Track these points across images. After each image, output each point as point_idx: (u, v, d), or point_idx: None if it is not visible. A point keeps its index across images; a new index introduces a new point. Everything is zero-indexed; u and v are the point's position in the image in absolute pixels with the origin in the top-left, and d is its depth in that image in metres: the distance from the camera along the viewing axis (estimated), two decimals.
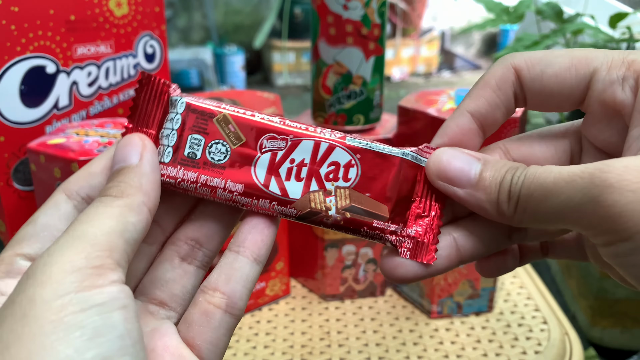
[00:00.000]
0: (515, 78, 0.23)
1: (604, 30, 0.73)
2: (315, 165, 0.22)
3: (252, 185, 0.22)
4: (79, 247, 0.17)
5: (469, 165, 0.22)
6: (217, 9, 2.89)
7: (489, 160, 0.22)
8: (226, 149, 0.22)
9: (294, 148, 0.22)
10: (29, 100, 0.42)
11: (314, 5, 0.45)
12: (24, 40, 0.40)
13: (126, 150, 0.21)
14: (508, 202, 0.21)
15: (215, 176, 0.22)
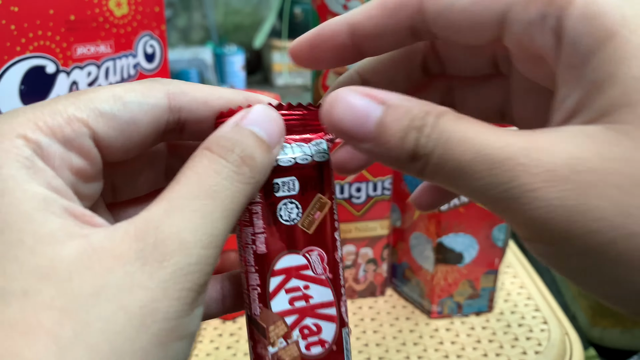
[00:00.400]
0: (416, 7, 0.18)
1: None
2: (310, 312, 0.20)
3: (265, 260, 0.20)
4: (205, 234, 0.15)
5: (367, 113, 0.17)
6: (217, 9, 2.89)
7: (391, 103, 0.17)
8: (294, 219, 0.20)
9: (318, 282, 0.21)
10: (29, 100, 0.41)
11: (314, 5, 0.45)
12: (23, 40, 0.40)
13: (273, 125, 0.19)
14: (413, 163, 0.16)
15: (263, 220, 0.20)
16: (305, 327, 0.20)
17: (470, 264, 0.46)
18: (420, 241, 0.47)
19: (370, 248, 0.49)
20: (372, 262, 0.50)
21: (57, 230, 0.14)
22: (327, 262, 0.21)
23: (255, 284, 0.20)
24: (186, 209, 0.15)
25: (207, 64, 2.58)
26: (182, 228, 0.15)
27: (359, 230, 0.49)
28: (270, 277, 0.20)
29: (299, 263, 0.20)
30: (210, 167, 0.17)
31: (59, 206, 0.15)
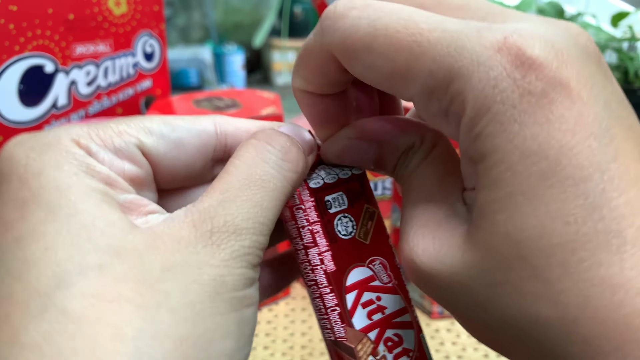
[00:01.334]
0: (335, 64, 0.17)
1: (606, 30, 0.73)
2: (388, 322, 0.20)
3: (338, 277, 0.20)
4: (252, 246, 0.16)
5: (363, 156, 0.20)
6: (217, 7, 2.89)
7: (382, 142, 0.19)
8: (351, 232, 0.20)
9: (387, 291, 0.21)
10: (28, 99, 0.41)
11: (314, 4, 0.45)
12: (22, 39, 0.40)
13: (304, 135, 0.20)
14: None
15: (326, 239, 0.20)
16: (388, 339, 0.20)
17: None
18: None
19: None
20: None
21: (121, 219, 0.15)
22: (390, 269, 0.21)
23: (334, 304, 0.20)
24: (238, 199, 0.16)
25: (207, 63, 2.57)
26: (236, 216, 0.16)
27: None
28: (346, 294, 0.20)
29: (366, 275, 0.20)
30: (257, 156, 0.18)
31: (119, 198, 0.16)
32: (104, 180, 0.16)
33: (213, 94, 0.52)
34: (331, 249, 0.20)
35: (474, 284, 0.15)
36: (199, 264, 0.15)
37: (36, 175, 0.15)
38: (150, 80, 0.50)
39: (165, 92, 0.52)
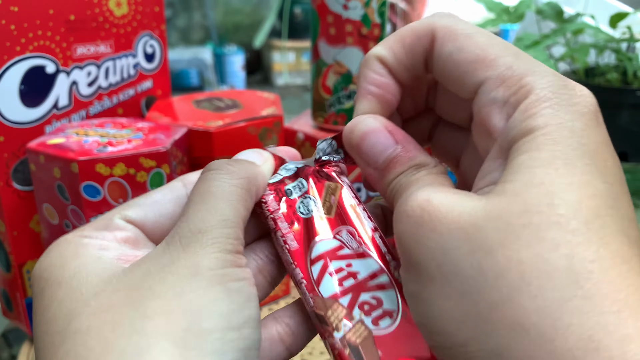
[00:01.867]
0: (429, 44, 0.20)
1: (604, 30, 0.73)
2: (362, 287, 0.21)
3: (301, 253, 0.21)
4: (223, 237, 0.19)
5: (384, 148, 0.20)
6: (217, 8, 2.89)
7: (404, 146, 0.20)
8: (312, 210, 0.22)
9: (359, 256, 0.21)
10: (29, 100, 0.41)
11: (313, 5, 0.45)
12: (23, 40, 0.40)
13: (253, 153, 0.23)
14: (391, 202, 0.20)
15: (287, 222, 0.22)
16: (364, 303, 0.21)
17: None
18: None
19: None
20: None
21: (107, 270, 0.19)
22: (360, 235, 0.22)
23: (301, 277, 0.21)
24: (195, 211, 0.20)
25: (207, 64, 2.57)
26: (196, 222, 0.19)
27: None
28: (311, 267, 0.21)
29: (333, 245, 0.21)
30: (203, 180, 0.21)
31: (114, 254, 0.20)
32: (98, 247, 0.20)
33: (213, 95, 0.52)
34: (292, 230, 0.22)
35: (490, 225, 0.16)
36: (172, 261, 0.18)
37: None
38: (150, 81, 0.50)
39: (165, 92, 0.52)
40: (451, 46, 0.19)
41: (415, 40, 0.20)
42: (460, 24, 0.20)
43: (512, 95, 0.18)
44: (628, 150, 0.71)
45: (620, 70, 0.71)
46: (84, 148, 0.36)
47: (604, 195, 0.16)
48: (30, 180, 0.42)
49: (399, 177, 0.20)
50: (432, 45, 0.20)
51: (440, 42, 0.20)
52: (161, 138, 0.38)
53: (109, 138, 0.38)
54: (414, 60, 0.21)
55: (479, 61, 0.19)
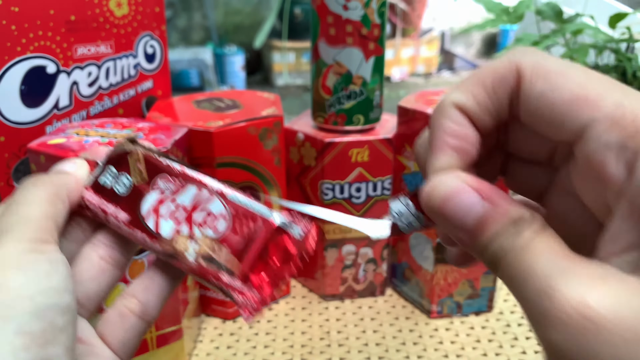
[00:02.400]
0: (515, 83, 0.19)
1: (604, 31, 0.73)
2: (192, 210, 0.24)
3: (135, 219, 0.24)
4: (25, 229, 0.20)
5: (470, 208, 0.18)
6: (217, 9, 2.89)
7: (494, 202, 0.18)
8: (130, 183, 0.25)
9: (179, 191, 0.24)
10: (30, 100, 0.42)
11: (313, 5, 0.45)
12: (24, 40, 0.40)
13: (67, 162, 0.25)
14: (489, 257, 0.18)
15: (112, 204, 0.24)
16: (198, 223, 0.24)
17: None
18: (420, 241, 0.48)
19: (370, 248, 0.49)
20: (372, 262, 0.50)
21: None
22: (174, 175, 0.24)
23: (142, 238, 0.24)
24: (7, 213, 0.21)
25: (207, 64, 2.57)
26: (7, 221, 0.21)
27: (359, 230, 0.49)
28: (147, 222, 0.24)
29: (155, 197, 0.24)
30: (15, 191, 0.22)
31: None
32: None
33: (214, 95, 0.52)
34: (120, 206, 0.24)
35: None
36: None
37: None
38: (151, 81, 0.51)
39: (166, 93, 0.52)
40: (543, 85, 0.18)
41: (498, 81, 0.19)
42: (549, 60, 0.18)
43: (630, 139, 0.16)
44: None
45: (619, 70, 0.71)
46: (85, 148, 0.36)
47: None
48: None
49: (497, 239, 0.17)
50: (518, 85, 0.19)
51: (529, 80, 0.18)
52: (162, 138, 0.38)
53: (110, 138, 0.38)
54: (498, 103, 0.19)
55: (580, 100, 0.17)
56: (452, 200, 0.18)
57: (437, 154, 0.20)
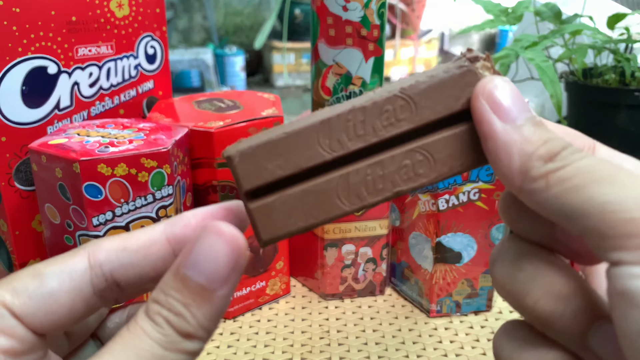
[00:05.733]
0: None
1: (602, 31, 0.73)
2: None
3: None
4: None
5: (524, 107, 0.18)
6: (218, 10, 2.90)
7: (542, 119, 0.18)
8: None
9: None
10: (31, 100, 0.42)
11: (313, 6, 0.45)
12: (25, 41, 0.41)
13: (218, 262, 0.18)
14: (544, 163, 0.17)
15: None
16: None
17: (469, 263, 0.47)
18: (419, 240, 0.48)
19: (370, 247, 0.50)
20: (371, 262, 0.50)
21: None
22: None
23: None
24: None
25: (208, 65, 2.58)
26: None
27: (358, 230, 0.49)
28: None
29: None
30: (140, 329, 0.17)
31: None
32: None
33: (214, 95, 0.52)
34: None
35: None
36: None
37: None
38: (152, 82, 0.51)
39: (166, 93, 0.52)
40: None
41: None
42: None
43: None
44: (626, 151, 0.71)
45: (618, 71, 0.71)
46: (86, 148, 0.36)
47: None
48: (32, 181, 0.43)
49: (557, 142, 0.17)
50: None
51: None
52: (162, 138, 0.39)
53: (111, 138, 0.38)
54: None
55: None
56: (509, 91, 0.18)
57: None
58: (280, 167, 0.19)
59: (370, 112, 0.20)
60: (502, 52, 0.71)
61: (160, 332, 0.17)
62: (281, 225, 0.20)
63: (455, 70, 0.20)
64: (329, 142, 0.20)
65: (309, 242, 0.50)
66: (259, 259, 0.48)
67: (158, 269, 0.19)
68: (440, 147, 0.20)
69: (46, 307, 0.18)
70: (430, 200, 0.45)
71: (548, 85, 0.65)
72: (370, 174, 0.20)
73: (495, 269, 0.20)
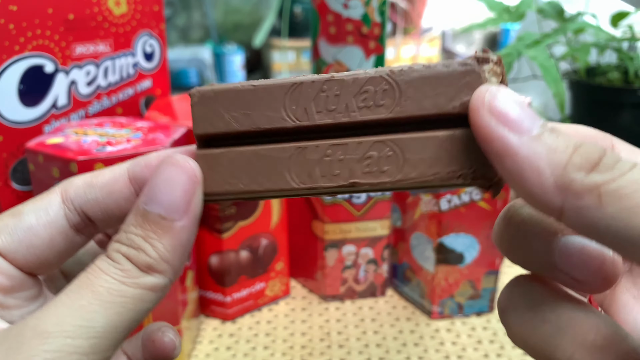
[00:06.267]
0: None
1: (606, 30, 0.73)
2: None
3: None
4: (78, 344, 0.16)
5: (533, 114, 0.15)
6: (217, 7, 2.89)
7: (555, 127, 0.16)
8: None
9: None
10: (28, 99, 0.41)
11: (314, 3, 0.45)
12: (22, 39, 0.40)
13: (175, 191, 0.18)
14: (587, 173, 0.14)
15: None
16: None
17: (471, 264, 0.46)
18: (420, 241, 0.47)
19: (371, 248, 0.49)
20: (372, 263, 0.50)
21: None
22: None
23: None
24: (58, 303, 0.16)
25: (207, 63, 2.57)
26: (46, 320, 0.16)
27: (359, 231, 0.48)
28: None
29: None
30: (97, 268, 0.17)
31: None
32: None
33: None
34: None
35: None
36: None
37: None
38: (150, 80, 0.50)
39: (165, 92, 0.52)
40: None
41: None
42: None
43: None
44: None
45: (621, 69, 0.71)
46: (83, 148, 0.36)
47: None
48: (29, 180, 0.42)
49: (590, 146, 0.14)
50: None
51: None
52: (160, 137, 0.38)
53: (108, 138, 0.38)
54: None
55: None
56: (513, 101, 0.16)
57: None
58: (237, 120, 0.18)
59: (349, 87, 0.17)
60: (504, 51, 0.70)
61: (118, 267, 0.17)
62: (222, 181, 0.19)
63: (457, 66, 0.17)
64: (295, 108, 0.18)
65: (309, 243, 0.50)
66: (258, 259, 0.48)
67: (122, 207, 0.19)
68: (414, 147, 0.17)
69: (27, 241, 0.18)
70: (432, 200, 0.44)
71: (551, 84, 0.64)
72: (330, 155, 0.18)
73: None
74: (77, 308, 0.16)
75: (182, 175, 0.18)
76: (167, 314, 0.39)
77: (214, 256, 0.46)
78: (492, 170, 0.17)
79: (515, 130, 0.15)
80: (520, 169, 0.15)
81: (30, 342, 0.16)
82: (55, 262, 0.20)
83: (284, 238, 0.49)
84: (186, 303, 0.42)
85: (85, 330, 0.16)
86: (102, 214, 0.20)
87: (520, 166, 0.15)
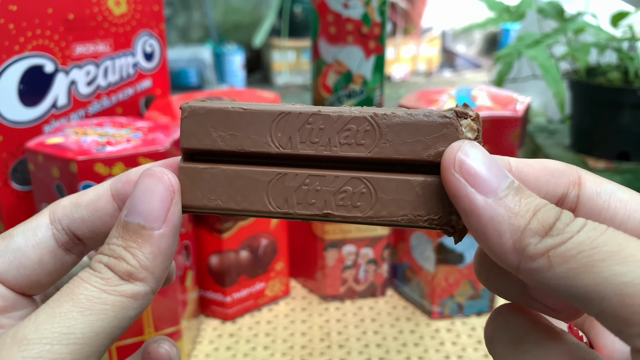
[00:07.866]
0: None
1: (606, 29, 0.72)
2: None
3: None
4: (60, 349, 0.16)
5: (501, 173, 0.16)
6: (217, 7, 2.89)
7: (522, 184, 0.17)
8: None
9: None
10: (28, 99, 0.41)
11: (314, 3, 0.45)
12: (22, 39, 0.40)
13: (153, 200, 0.18)
14: (540, 238, 0.15)
15: None
16: None
17: (471, 264, 0.46)
18: (421, 241, 0.47)
19: (371, 248, 0.49)
20: (372, 263, 0.50)
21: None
22: None
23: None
24: (40, 311, 0.17)
25: (207, 63, 2.57)
26: (27, 327, 0.16)
27: (360, 231, 0.48)
28: None
29: None
30: (79, 278, 0.18)
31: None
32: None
33: (213, 94, 0.52)
34: None
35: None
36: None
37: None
38: (150, 80, 0.50)
39: (165, 91, 0.52)
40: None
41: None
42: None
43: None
44: (629, 150, 0.70)
45: (621, 69, 0.70)
46: (83, 148, 0.36)
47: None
48: (29, 180, 0.42)
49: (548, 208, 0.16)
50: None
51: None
52: (160, 137, 0.38)
53: (108, 137, 0.38)
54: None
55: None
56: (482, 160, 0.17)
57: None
58: (224, 139, 0.19)
59: (333, 123, 0.18)
60: (504, 51, 0.70)
61: (98, 276, 0.18)
62: (201, 196, 0.19)
63: (437, 117, 0.18)
64: (280, 135, 0.19)
65: (309, 243, 0.50)
66: (258, 259, 0.48)
67: (107, 223, 0.20)
68: (387, 188, 0.18)
69: (16, 262, 0.19)
70: None
71: (551, 83, 0.64)
72: (307, 184, 0.19)
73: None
74: (55, 315, 0.17)
75: (158, 184, 0.18)
76: (167, 314, 0.39)
77: (214, 256, 0.46)
78: (458, 219, 0.18)
79: (482, 191, 0.16)
80: (484, 228, 0.16)
81: (10, 348, 0.16)
82: (46, 281, 0.20)
83: (283, 238, 0.49)
84: (186, 303, 0.42)
85: (64, 336, 0.16)
86: (89, 231, 0.20)
87: (484, 226, 0.16)
